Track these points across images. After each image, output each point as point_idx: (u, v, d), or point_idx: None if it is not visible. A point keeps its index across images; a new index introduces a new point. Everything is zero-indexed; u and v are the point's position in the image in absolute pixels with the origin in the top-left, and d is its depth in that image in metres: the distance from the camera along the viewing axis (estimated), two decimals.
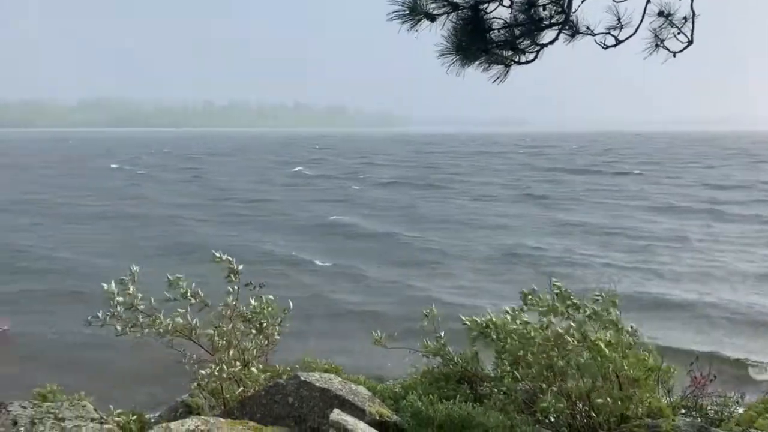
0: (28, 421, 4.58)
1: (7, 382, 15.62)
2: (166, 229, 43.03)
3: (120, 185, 73.87)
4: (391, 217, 49.50)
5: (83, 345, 19.77)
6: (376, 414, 6.35)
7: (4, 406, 4.75)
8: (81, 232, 42.12)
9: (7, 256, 33.72)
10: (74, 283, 27.52)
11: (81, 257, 33.80)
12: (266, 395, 6.52)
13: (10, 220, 46.58)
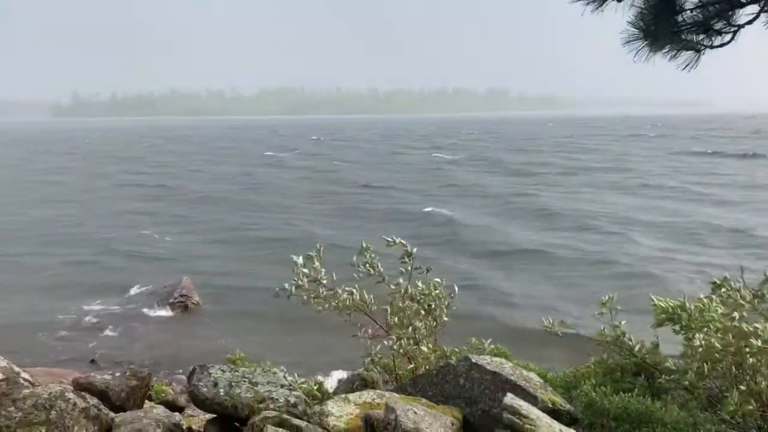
0: (226, 384, 5.05)
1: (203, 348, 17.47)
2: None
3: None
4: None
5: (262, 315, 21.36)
6: (549, 402, 6.27)
7: (206, 369, 5.26)
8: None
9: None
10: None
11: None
12: (438, 374, 6.67)
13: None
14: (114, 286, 25.82)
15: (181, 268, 28.39)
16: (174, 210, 46.65)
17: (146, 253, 32.36)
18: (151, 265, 29.62)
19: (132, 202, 49.99)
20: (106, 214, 44.52)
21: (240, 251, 32.72)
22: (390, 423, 4.82)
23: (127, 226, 39.93)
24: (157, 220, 42.33)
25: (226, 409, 4.79)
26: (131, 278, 26.91)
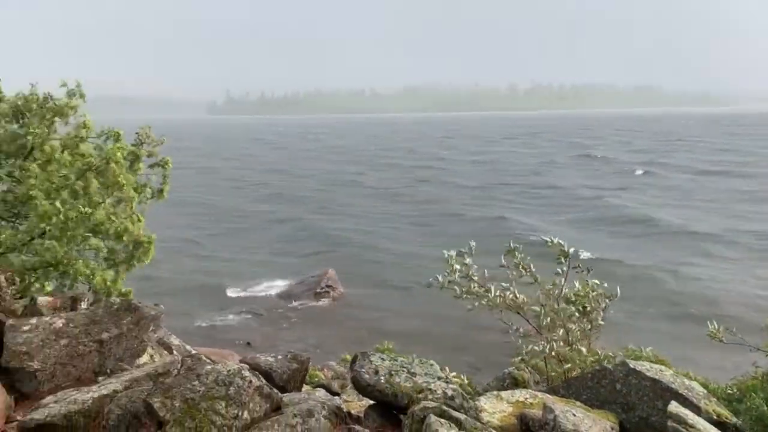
0: (386, 372, 5.22)
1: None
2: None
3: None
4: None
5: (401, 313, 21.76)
6: (713, 413, 5.92)
7: (367, 356, 5.46)
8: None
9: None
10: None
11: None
12: (593, 378, 6.50)
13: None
14: (268, 273, 27.34)
15: (328, 257, 29.62)
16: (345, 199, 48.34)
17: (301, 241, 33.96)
18: (303, 255, 31.07)
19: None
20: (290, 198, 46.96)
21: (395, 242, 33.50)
22: (548, 423, 4.77)
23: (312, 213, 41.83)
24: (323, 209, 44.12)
25: (387, 397, 4.95)
26: (283, 266, 28.38)
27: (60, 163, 8.75)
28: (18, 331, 5.39)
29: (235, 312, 22.47)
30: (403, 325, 20.45)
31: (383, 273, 27.60)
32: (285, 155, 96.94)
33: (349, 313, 22.57)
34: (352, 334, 19.51)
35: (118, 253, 9.10)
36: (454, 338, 18.48)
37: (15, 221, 9.42)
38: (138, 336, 5.75)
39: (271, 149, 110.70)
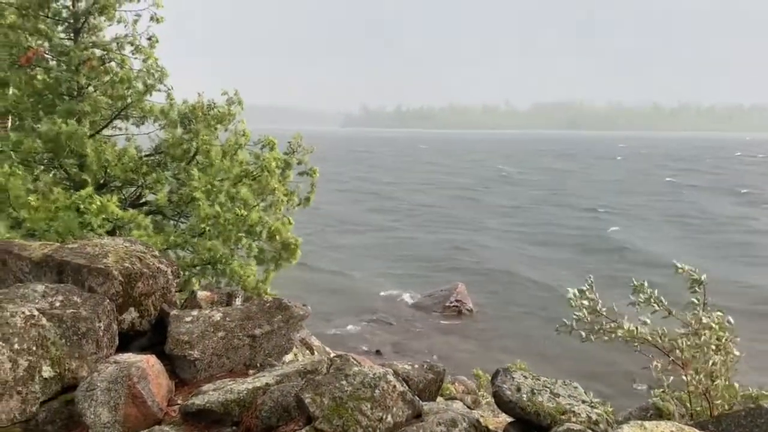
0: (528, 390, 5.14)
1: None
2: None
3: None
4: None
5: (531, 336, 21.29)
6: None
7: (509, 372, 5.41)
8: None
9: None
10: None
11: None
12: (747, 416, 6.05)
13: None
14: (398, 284, 27.75)
15: (458, 271, 29.58)
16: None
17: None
18: (433, 268, 31.24)
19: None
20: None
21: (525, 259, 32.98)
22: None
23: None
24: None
25: (528, 415, 4.88)
26: (414, 279, 28.69)
27: (220, 168, 9.40)
28: (181, 321, 5.83)
29: (366, 320, 22.95)
30: (533, 346, 20.01)
31: (512, 290, 27.18)
32: (415, 168, 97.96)
33: (478, 328, 22.40)
34: (481, 351, 19.35)
35: (267, 253, 9.63)
36: (583, 363, 17.83)
37: (178, 220, 10.23)
38: (287, 334, 6.04)
39: (402, 162, 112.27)
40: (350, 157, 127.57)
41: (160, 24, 11.08)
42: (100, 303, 5.42)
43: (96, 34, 11.18)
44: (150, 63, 11.06)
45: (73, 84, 10.71)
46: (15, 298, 5.11)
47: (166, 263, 6.46)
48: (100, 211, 8.65)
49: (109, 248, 6.28)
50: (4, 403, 4.40)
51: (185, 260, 9.19)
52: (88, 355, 5.07)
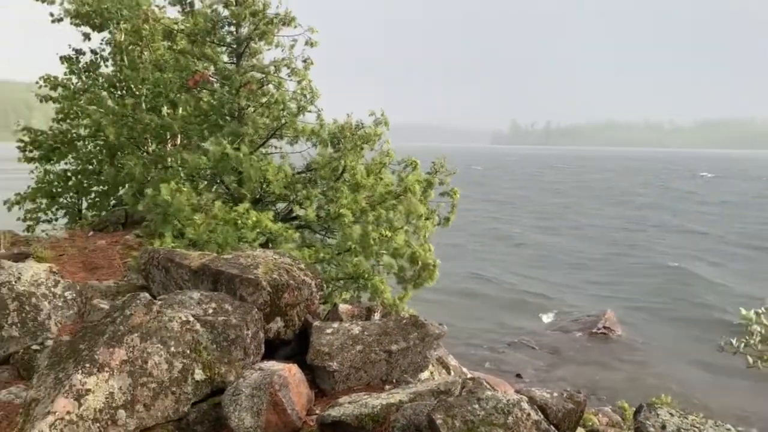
0: (675, 429, 4.80)
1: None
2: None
3: None
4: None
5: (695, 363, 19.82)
6: None
7: (654, 408, 5.08)
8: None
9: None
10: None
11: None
12: None
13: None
14: (541, 306, 27.00)
15: (606, 296, 28.26)
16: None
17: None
18: (579, 291, 30.09)
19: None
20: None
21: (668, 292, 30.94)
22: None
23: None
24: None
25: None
26: (557, 301, 27.79)
27: (366, 187, 9.68)
28: (322, 333, 6.04)
29: (506, 341, 22.50)
30: (686, 381, 18.59)
31: (667, 320, 25.47)
32: (567, 188, 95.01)
33: (626, 358, 21.19)
34: (628, 381, 18.28)
35: (406, 271, 9.77)
36: (741, 403, 16.30)
37: (325, 235, 10.66)
38: (422, 352, 6.07)
39: (554, 181, 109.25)
40: (503, 173, 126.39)
41: (315, 48, 11.65)
42: (249, 311, 5.74)
43: (256, 58, 11.95)
44: (304, 84, 11.65)
45: (234, 105, 11.51)
46: (173, 304, 5.54)
47: (311, 276, 6.73)
48: (255, 225, 9.20)
49: (260, 260, 6.65)
50: (160, 402, 4.77)
51: (329, 274, 9.55)
52: (236, 361, 5.37)
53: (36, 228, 14.09)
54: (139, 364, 4.76)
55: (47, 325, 6.23)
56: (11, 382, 5.76)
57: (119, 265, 8.55)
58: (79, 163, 14.63)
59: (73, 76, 15.17)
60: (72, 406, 4.39)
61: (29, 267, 6.67)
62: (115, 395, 4.57)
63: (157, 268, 6.95)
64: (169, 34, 12.78)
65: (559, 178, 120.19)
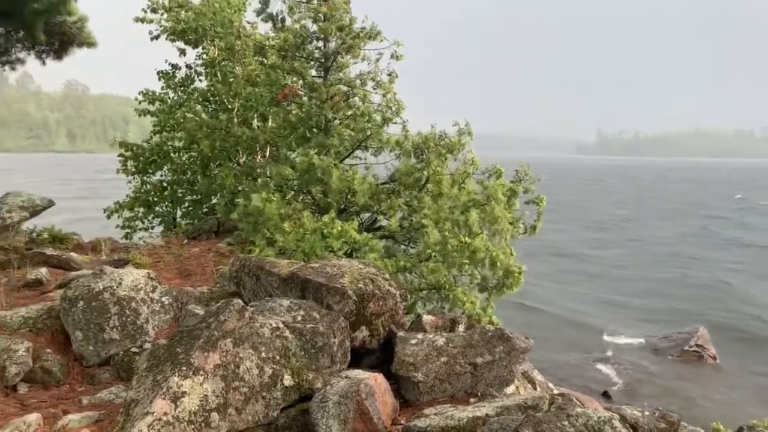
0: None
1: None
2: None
3: None
4: None
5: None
6: None
7: (754, 430, 4.83)
8: None
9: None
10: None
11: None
12: None
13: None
14: (630, 322, 26.13)
15: (699, 314, 27.01)
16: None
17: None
18: (669, 308, 28.91)
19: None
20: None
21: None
22: None
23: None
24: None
25: None
26: (647, 317, 26.82)
27: (449, 196, 9.68)
28: (407, 343, 6.06)
29: (593, 358, 21.88)
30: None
31: (763, 339, 24.09)
32: (650, 200, 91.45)
33: (721, 378, 20.18)
34: (723, 403, 17.39)
35: (489, 280, 9.69)
36: None
37: (408, 245, 10.71)
38: (508, 366, 5.99)
39: (639, 192, 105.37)
40: (581, 185, 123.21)
41: (400, 61, 11.80)
42: (335, 320, 5.84)
43: (342, 72, 12.21)
44: (389, 97, 11.81)
45: (321, 117, 11.78)
46: (264, 311, 5.70)
47: (395, 286, 6.77)
48: (341, 234, 9.37)
49: (346, 269, 6.75)
50: (251, 406, 4.91)
51: (413, 284, 9.59)
52: (323, 368, 5.47)
53: (133, 235, 14.81)
54: (231, 369, 4.93)
55: (145, 328, 6.53)
56: (112, 383, 6.06)
57: (212, 272, 8.87)
58: (174, 173, 15.30)
59: (170, 91, 15.91)
60: (169, 408, 4.58)
61: (129, 273, 7.01)
62: (209, 398, 4.74)
63: (248, 275, 7.18)
64: (260, 50, 13.24)
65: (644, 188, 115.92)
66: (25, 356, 6.00)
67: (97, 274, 6.85)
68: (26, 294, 7.68)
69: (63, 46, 10.84)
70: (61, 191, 54.08)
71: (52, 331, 6.61)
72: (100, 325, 6.35)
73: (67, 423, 5.00)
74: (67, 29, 10.50)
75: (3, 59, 11.03)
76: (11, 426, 4.87)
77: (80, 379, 6.15)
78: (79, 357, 6.31)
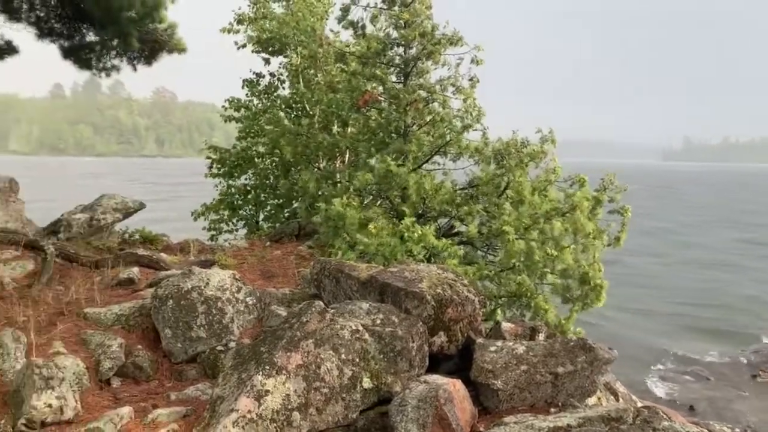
0: None
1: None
2: None
3: None
4: None
5: None
6: None
7: None
8: None
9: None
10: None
11: None
12: None
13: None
14: (716, 336, 24.96)
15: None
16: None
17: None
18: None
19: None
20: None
21: None
22: None
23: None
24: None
25: None
26: (735, 332, 25.54)
27: (530, 204, 9.55)
28: (486, 350, 6.02)
29: (678, 371, 21.02)
30: None
31: None
32: (717, 207, 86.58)
33: None
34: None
35: (572, 291, 9.48)
36: None
37: (487, 252, 10.62)
38: (590, 376, 5.85)
39: (709, 200, 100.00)
40: (650, 191, 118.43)
41: (480, 66, 11.73)
42: (414, 324, 5.87)
43: (423, 77, 12.25)
44: (469, 103, 11.77)
45: (400, 123, 11.86)
46: (344, 313, 5.79)
47: (474, 292, 6.74)
48: (419, 239, 9.39)
49: (424, 274, 6.77)
50: (331, 407, 5.00)
51: (491, 291, 9.50)
52: (401, 372, 5.51)
53: (219, 237, 15.32)
54: (312, 369, 5.03)
55: (231, 328, 6.74)
56: (198, 380, 6.28)
57: (293, 273, 9.07)
58: (257, 178, 15.75)
59: (254, 98, 16.40)
60: (253, 406, 4.72)
61: (216, 273, 7.26)
62: (291, 397, 4.85)
63: (328, 278, 7.30)
64: (341, 57, 13.47)
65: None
66: (118, 352, 6.30)
67: (186, 274, 7.13)
68: (119, 292, 8.05)
69: (154, 52, 11.36)
70: (148, 193, 56.44)
71: (143, 328, 6.92)
72: (188, 324, 6.60)
73: (157, 417, 5.22)
74: (158, 36, 11.00)
75: (99, 66, 11.66)
76: (106, 418, 5.12)
77: (168, 375, 6.40)
78: (167, 353, 6.57)
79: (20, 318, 6.79)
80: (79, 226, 10.78)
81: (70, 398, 5.25)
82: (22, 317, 6.81)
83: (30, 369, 5.24)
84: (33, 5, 10.77)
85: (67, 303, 7.38)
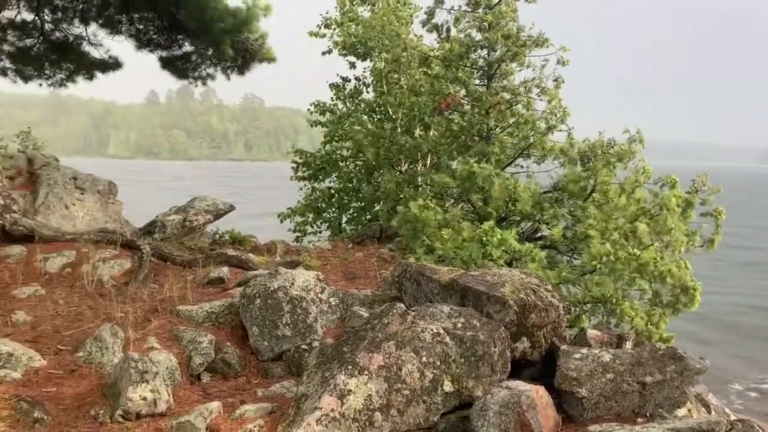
0: None
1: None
2: None
3: None
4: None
5: None
6: None
7: None
8: None
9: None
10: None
11: None
12: None
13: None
14: None
15: None
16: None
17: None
18: None
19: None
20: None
21: None
22: None
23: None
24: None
25: None
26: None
27: (617, 206, 9.28)
28: (570, 357, 5.89)
29: (745, 385, 19.83)
30: None
31: None
32: None
33: None
34: None
35: (662, 296, 9.14)
36: None
37: (571, 256, 10.39)
38: (680, 386, 5.64)
39: None
40: (733, 195, 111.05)
41: (566, 66, 11.51)
42: (496, 329, 5.82)
43: (506, 79, 12.11)
44: (554, 104, 11.56)
45: (483, 126, 11.77)
46: (425, 316, 5.81)
47: (558, 298, 6.61)
48: (500, 243, 9.29)
49: (506, 278, 6.70)
50: (412, 409, 5.03)
51: (576, 297, 9.27)
52: (483, 377, 5.48)
53: (303, 239, 15.66)
54: (394, 371, 5.08)
55: (314, 327, 6.88)
56: (283, 377, 6.44)
57: (375, 275, 9.16)
58: (341, 181, 16.02)
59: (339, 102, 16.68)
60: (336, 404, 4.81)
61: (301, 274, 7.44)
62: (372, 398, 4.92)
63: (409, 280, 7.35)
64: (424, 60, 13.51)
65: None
66: (208, 348, 6.55)
67: (273, 274, 7.34)
68: (209, 291, 8.36)
69: (246, 62, 11.75)
70: (236, 195, 58.13)
71: (232, 326, 7.16)
72: (274, 322, 6.79)
73: (244, 412, 5.40)
74: (249, 46, 11.37)
75: (195, 74, 12.18)
76: (196, 412, 5.33)
77: (255, 372, 6.60)
78: (255, 351, 6.78)
79: (118, 314, 7.17)
80: (172, 227, 11.27)
81: (163, 392, 5.50)
82: (119, 313, 7.19)
83: (127, 363, 5.52)
84: (132, 19, 11.37)
85: (161, 300, 7.74)
